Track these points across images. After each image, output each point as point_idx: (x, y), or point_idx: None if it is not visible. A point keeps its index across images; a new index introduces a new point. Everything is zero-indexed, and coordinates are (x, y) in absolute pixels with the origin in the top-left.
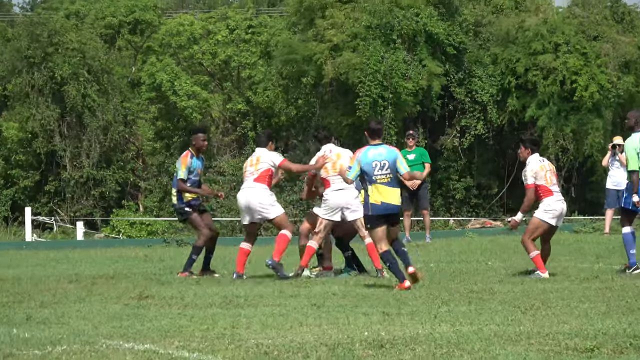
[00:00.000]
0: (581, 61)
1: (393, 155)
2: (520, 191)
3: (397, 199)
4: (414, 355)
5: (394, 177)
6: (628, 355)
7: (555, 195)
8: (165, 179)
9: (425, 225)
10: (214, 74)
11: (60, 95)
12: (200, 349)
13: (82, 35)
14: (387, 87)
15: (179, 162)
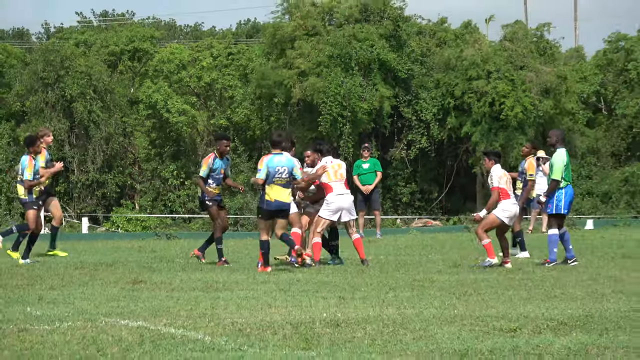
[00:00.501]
0: (509, 86)
1: (291, 163)
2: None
3: (287, 198)
4: (365, 333)
5: (288, 181)
6: (545, 335)
7: (512, 199)
8: (157, 182)
9: (376, 223)
10: (200, 95)
11: (70, 111)
12: (185, 326)
13: (89, 61)
14: (345, 107)
15: (202, 162)
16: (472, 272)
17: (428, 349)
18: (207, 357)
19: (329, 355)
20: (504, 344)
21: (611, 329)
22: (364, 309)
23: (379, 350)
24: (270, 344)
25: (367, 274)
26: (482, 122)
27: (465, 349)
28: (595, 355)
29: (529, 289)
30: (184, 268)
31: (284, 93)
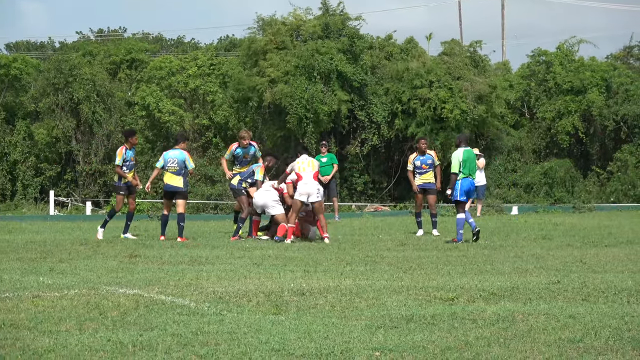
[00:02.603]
0: (448, 94)
1: (182, 156)
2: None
3: (177, 183)
4: (326, 301)
5: (179, 169)
6: (478, 303)
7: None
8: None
9: (334, 208)
10: (186, 98)
11: (77, 111)
12: (174, 294)
13: (93, 69)
14: (309, 109)
15: (117, 154)
16: (416, 250)
17: (379, 315)
18: (193, 320)
19: (295, 320)
20: (443, 310)
21: (534, 299)
22: (325, 281)
23: (338, 315)
24: (246, 310)
25: (327, 250)
26: (425, 124)
27: (410, 315)
28: (520, 321)
29: (464, 264)
30: (173, 245)
31: (257, 97)
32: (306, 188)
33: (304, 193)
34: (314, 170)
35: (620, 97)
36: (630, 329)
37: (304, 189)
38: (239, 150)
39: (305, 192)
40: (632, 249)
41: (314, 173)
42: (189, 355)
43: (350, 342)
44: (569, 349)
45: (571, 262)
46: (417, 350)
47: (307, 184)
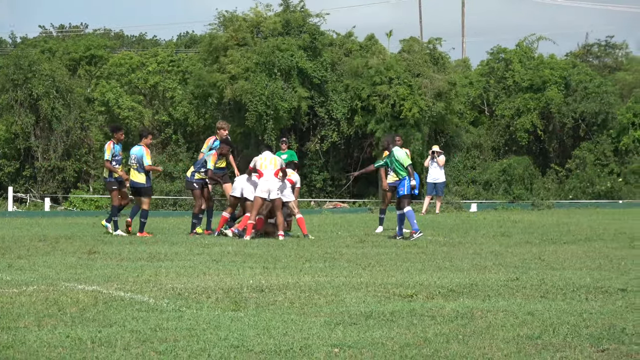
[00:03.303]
0: (407, 91)
1: (140, 153)
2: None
3: (139, 180)
4: (285, 297)
5: (139, 166)
6: (437, 300)
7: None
8: None
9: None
10: (146, 94)
11: (36, 107)
12: (132, 290)
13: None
14: (269, 106)
15: (105, 149)
16: (375, 247)
17: (338, 311)
18: (152, 316)
19: (254, 316)
20: (402, 307)
21: (493, 296)
22: (284, 277)
23: (297, 312)
24: (205, 306)
25: (286, 247)
26: (384, 121)
27: (369, 311)
28: (479, 317)
29: (423, 261)
30: (132, 242)
31: (217, 93)
32: (267, 185)
33: (264, 190)
34: (275, 167)
35: (579, 95)
36: (588, 326)
37: (265, 186)
38: (217, 143)
39: (265, 188)
40: (590, 246)
41: (275, 170)
42: (148, 352)
43: (309, 338)
44: (528, 345)
45: (530, 259)
46: (376, 346)
47: (268, 181)
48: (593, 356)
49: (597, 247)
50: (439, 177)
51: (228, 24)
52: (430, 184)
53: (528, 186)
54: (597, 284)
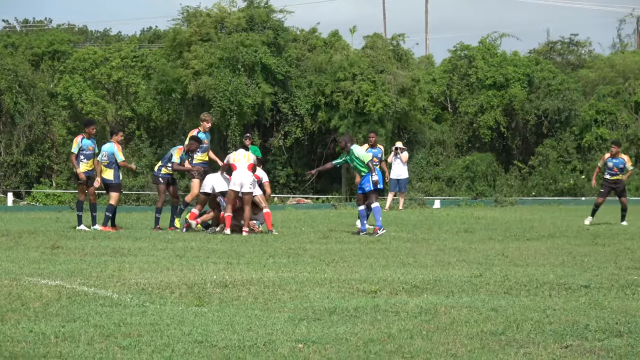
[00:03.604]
0: (371, 86)
1: (111, 149)
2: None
3: (108, 176)
4: (249, 293)
5: (109, 162)
6: (401, 296)
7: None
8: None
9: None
10: (109, 89)
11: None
12: (96, 285)
13: (15, 60)
14: (233, 101)
15: (73, 142)
16: (339, 242)
17: (302, 307)
18: (115, 311)
19: (218, 311)
20: (366, 303)
21: (456, 292)
22: (248, 273)
23: (260, 307)
24: (169, 301)
25: (250, 243)
26: (348, 117)
27: (333, 307)
28: (443, 313)
29: (387, 257)
30: (95, 236)
31: (181, 89)
32: (240, 178)
33: (237, 183)
34: (249, 162)
35: (542, 92)
36: (551, 322)
37: (238, 179)
38: (201, 135)
39: (238, 182)
40: (553, 242)
41: (248, 165)
42: (112, 347)
43: (273, 334)
44: (492, 341)
45: (493, 256)
46: (340, 342)
47: (241, 174)
48: (557, 352)
49: (560, 243)
50: (402, 173)
51: (192, 19)
52: (393, 180)
53: (491, 183)
54: (561, 280)
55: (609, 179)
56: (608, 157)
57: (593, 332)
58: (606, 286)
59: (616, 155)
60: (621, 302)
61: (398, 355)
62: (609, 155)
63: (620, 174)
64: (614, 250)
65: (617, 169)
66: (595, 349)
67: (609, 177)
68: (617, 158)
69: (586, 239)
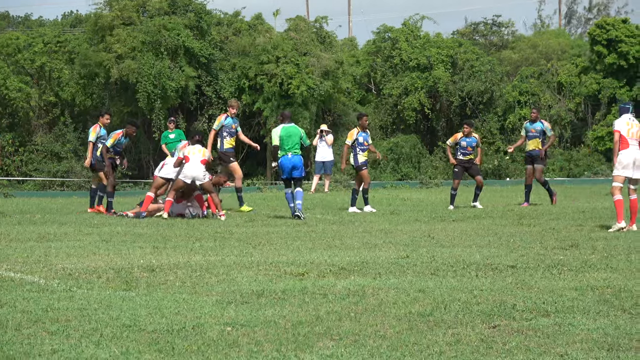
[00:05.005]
0: (294, 69)
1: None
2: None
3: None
4: (176, 277)
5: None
6: (329, 278)
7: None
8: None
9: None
10: (33, 75)
11: None
12: (22, 270)
13: None
14: (156, 85)
15: (111, 136)
16: (265, 226)
17: (230, 290)
18: (43, 296)
19: (146, 295)
20: (294, 285)
21: (383, 273)
22: (174, 257)
23: (188, 291)
24: (96, 286)
25: (176, 227)
26: (272, 99)
27: (261, 290)
28: (370, 295)
29: (313, 239)
30: (20, 222)
31: (104, 73)
32: (192, 171)
33: (189, 176)
34: (203, 156)
35: (466, 73)
36: (479, 302)
37: (190, 172)
38: (229, 120)
39: (190, 175)
40: (479, 223)
41: (202, 160)
42: (40, 332)
43: (201, 317)
44: (420, 322)
45: (419, 237)
46: (268, 325)
47: (193, 167)
48: (485, 332)
49: (486, 224)
50: (327, 155)
51: (114, 3)
52: (318, 163)
53: (416, 165)
54: (487, 261)
55: (462, 159)
56: (461, 136)
57: (520, 312)
58: (532, 266)
59: (469, 135)
60: (548, 282)
61: (327, 337)
62: (462, 134)
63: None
64: (539, 230)
65: (470, 147)
66: (523, 329)
67: (462, 158)
68: (470, 137)
69: (512, 219)
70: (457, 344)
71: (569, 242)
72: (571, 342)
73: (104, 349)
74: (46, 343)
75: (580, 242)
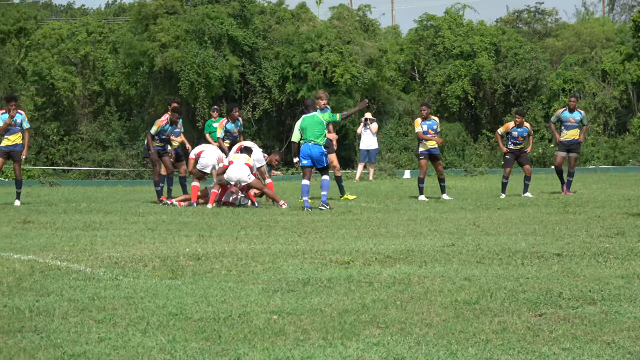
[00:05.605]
0: (338, 58)
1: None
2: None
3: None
4: (222, 265)
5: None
6: (374, 266)
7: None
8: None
9: None
10: (77, 64)
11: None
12: (69, 259)
13: None
14: (200, 74)
15: (155, 123)
16: (310, 214)
17: (276, 278)
18: (89, 285)
19: (192, 284)
20: (339, 274)
21: (429, 261)
22: (220, 245)
23: (234, 280)
24: (142, 274)
25: (221, 215)
26: (316, 88)
27: (307, 278)
28: (416, 283)
29: (358, 228)
30: (66, 211)
31: (148, 62)
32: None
33: (233, 178)
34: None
35: (509, 61)
36: (525, 290)
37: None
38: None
39: (235, 177)
40: (524, 211)
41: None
42: (87, 320)
43: (247, 305)
44: (466, 310)
45: (465, 225)
46: (314, 313)
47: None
48: (531, 320)
49: (532, 212)
50: (371, 144)
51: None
52: (363, 151)
53: (460, 153)
54: (533, 249)
55: (512, 148)
56: (512, 126)
57: (567, 300)
58: (578, 254)
59: (520, 125)
60: (594, 270)
61: (373, 325)
62: (513, 124)
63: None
64: (585, 218)
65: (521, 137)
66: (569, 317)
67: (513, 147)
68: (522, 127)
69: (557, 207)
70: (503, 332)
71: (615, 229)
72: (618, 330)
73: (150, 338)
74: (93, 331)
75: (626, 230)
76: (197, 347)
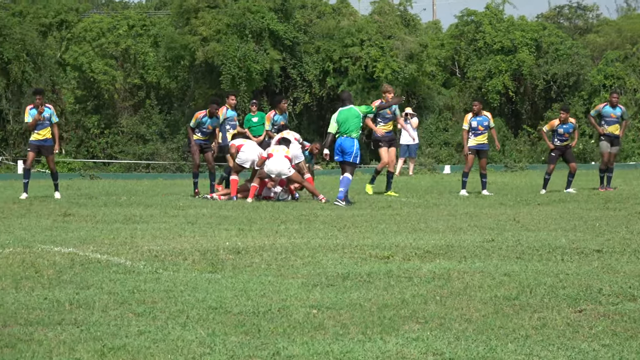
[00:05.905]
0: (379, 52)
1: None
2: None
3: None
4: (262, 259)
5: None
6: (414, 261)
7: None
8: (81, 131)
9: None
10: (117, 58)
11: (6, 71)
12: (109, 252)
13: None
14: (241, 68)
15: (193, 116)
16: (350, 208)
17: (315, 272)
18: (129, 278)
19: (232, 278)
20: (379, 268)
21: (469, 257)
22: (260, 239)
23: (274, 274)
24: (182, 268)
25: (261, 209)
26: (356, 83)
27: (347, 273)
28: (456, 278)
29: (398, 223)
30: (106, 204)
31: (189, 56)
32: (277, 166)
33: (274, 171)
34: (287, 153)
35: (550, 57)
36: (565, 287)
37: (275, 167)
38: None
39: (275, 170)
40: (564, 207)
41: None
42: (126, 313)
43: (287, 299)
44: (505, 306)
45: (504, 221)
46: (354, 307)
47: (277, 162)
48: (571, 317)
49: (572, 208)
50: (409, 139)
51: None
52: (403, 146)
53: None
54: (573, 245)
55: (559, 145)
56: (558, 123)
57: (607, 296)
58: (618, 250)
59: (566, 121)
60: (634, 266)
61: (412, 321)
62: (559, 122)
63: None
64: (625, 214)
65: (567, 134)
66: (609, 313)
67: (559, 144)
68: (567, 123)
69: (597, 203)
70: (543, 328)
71: None
72: None
73: (190, 331)
74: (133, 324)
75: None
76: (236, 341)
